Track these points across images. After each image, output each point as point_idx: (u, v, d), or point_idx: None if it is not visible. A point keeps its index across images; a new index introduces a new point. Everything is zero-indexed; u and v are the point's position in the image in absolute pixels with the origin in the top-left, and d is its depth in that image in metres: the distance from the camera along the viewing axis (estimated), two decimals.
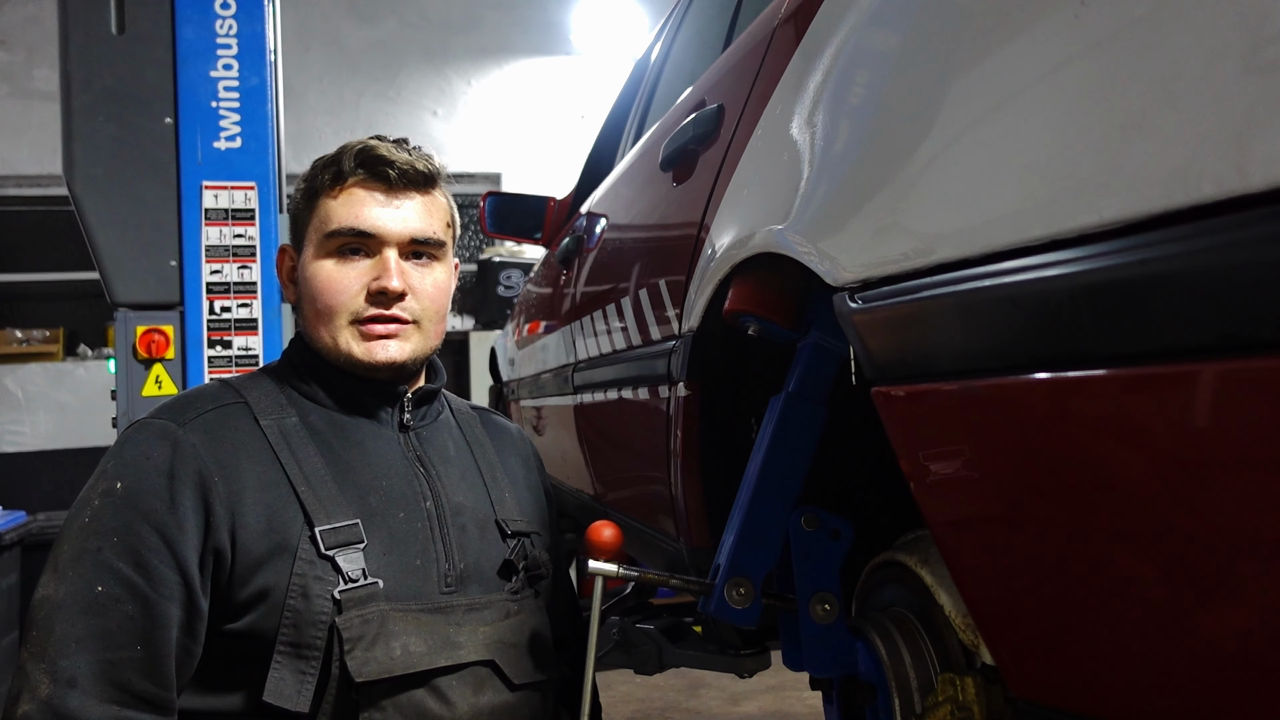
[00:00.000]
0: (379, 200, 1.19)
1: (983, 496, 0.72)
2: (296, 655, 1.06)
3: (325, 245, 1.19)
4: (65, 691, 0.98)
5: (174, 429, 1.10)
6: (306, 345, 1.23)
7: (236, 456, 1.11)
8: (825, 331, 1.10)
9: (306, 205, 1.22)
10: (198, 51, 2.95)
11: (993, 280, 0.66)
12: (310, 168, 1.24)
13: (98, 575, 1.03)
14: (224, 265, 2.93)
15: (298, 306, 1.25)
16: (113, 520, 1.05)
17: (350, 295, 1.17)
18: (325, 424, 1.19)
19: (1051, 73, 0.65)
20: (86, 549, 1.04)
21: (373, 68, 7.10)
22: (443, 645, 1.13)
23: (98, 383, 6.18)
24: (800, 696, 4.01)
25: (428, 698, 1.11)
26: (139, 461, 1.08)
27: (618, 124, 2.80)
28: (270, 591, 1.07)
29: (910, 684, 1.03)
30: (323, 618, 1.07)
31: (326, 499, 1.12)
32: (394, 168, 1.19)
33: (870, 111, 0.91)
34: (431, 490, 1.22)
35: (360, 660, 1.06)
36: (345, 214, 1.18)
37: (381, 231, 1.18)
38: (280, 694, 1.05)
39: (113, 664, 1.01)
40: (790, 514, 1.11)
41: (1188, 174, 0.53)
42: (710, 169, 1.37)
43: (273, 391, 1.20)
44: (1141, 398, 0.57)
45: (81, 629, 1.01)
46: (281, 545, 1.09)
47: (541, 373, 2.63)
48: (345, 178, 1.19)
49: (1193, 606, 0.58)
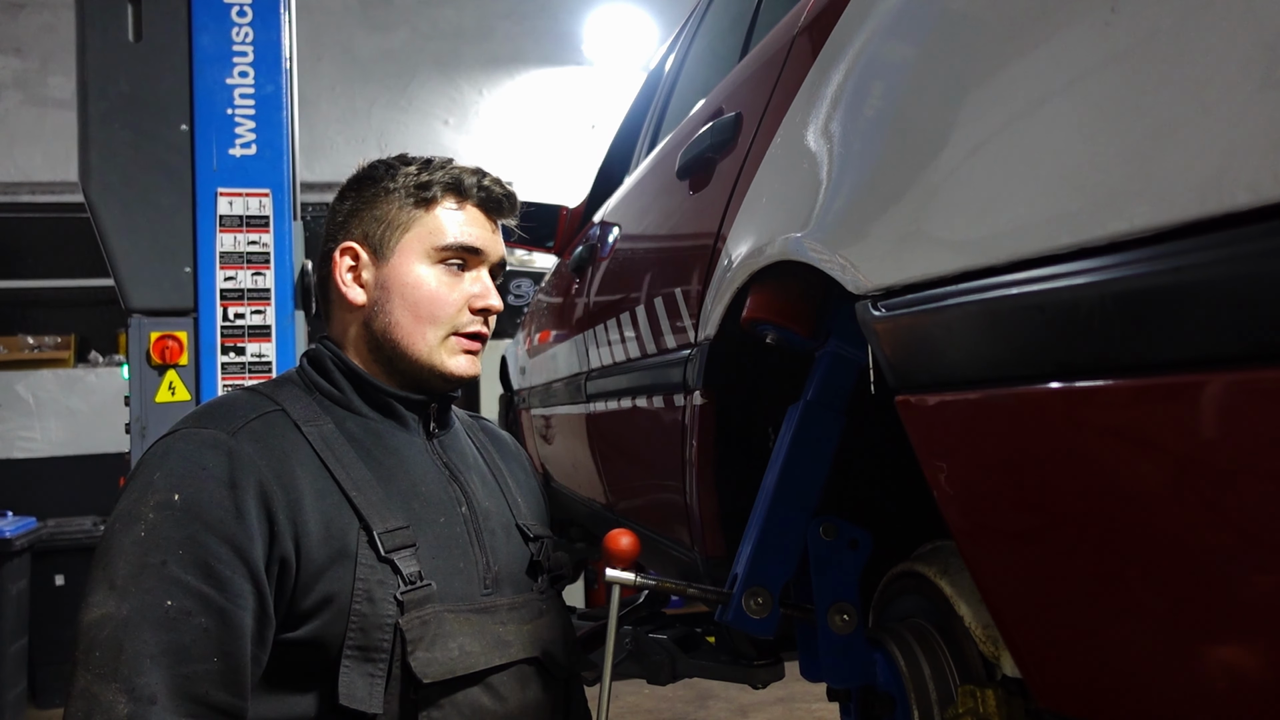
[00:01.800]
0: (486, 226, 1.27)
1: (1008, 505, 0.72)
2: (364, 658, 1.07)
3: (433, 255, 1.23)
4: (147, 710, 0.95)
5: (225, 438, 1.08)
6: (338, 351, 1.23)
7: (290, 464, 1.10)
8: (844, 340, 1.10)
9: (409, 211, 1.23)
10: (214, 59, 2.97)
11: (1020, 288, 0.66)
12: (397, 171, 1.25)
13: (165, 589, 0.99)
14: (238, 272, 2.94)
15: (373, 309, 1.22)
16: (175, 532, 1.02)
17: (457, 307, 1.23)
18: (361, 430, 1.20)
19: (1081, 79, 0.64)
20: (148, 564, 1.00)
21: (385, 77, 7.13)
22: (495, 644, 1.15)
23: (109, 389, 6.21)
24: (810, 709, 3.99)
25: (483, 695, 1.13)
26: (194, 472, 1.05)
27: (631, 134, 2.80)
28: (335, 597, 1.07)
29: (930, 695, 1.03)
30: (388, 620, 1.08)
31: (377, 503, 1.13)
32: (507, 201, 1.29)
33: (892, 119, 0.90)
34: (464, 494, 1.24)
35: (423, 661, 1.08)
36: (463, 230, 1.24)
37: (489, 252, 1.26)
38: (353, 697, 1.06)
39: (189, 678, 0.98)
40: (809, 523, 1.10)
41: (1222, 181, 0.52)
42: (728, 177, 1.37)
43: (304, 399, 1.19)
44: (1173, 407, 0.56)
45: (154, 645, 0.98)
46: (341, 550, 1.09)
47: (553, 381, 2.63)
48: (468, 196, 1.25)
49: (1223, 618, 0.58)
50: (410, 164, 1.26)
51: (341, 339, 1.25)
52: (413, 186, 1.23)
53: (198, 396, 2.91)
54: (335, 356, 1.23)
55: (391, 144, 6.96)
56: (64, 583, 4.53)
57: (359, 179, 1.28)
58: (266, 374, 2.93)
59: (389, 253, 1.22)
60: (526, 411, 3.27)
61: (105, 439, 5.95)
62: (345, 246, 1.24)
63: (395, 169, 1.25)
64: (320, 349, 1.26)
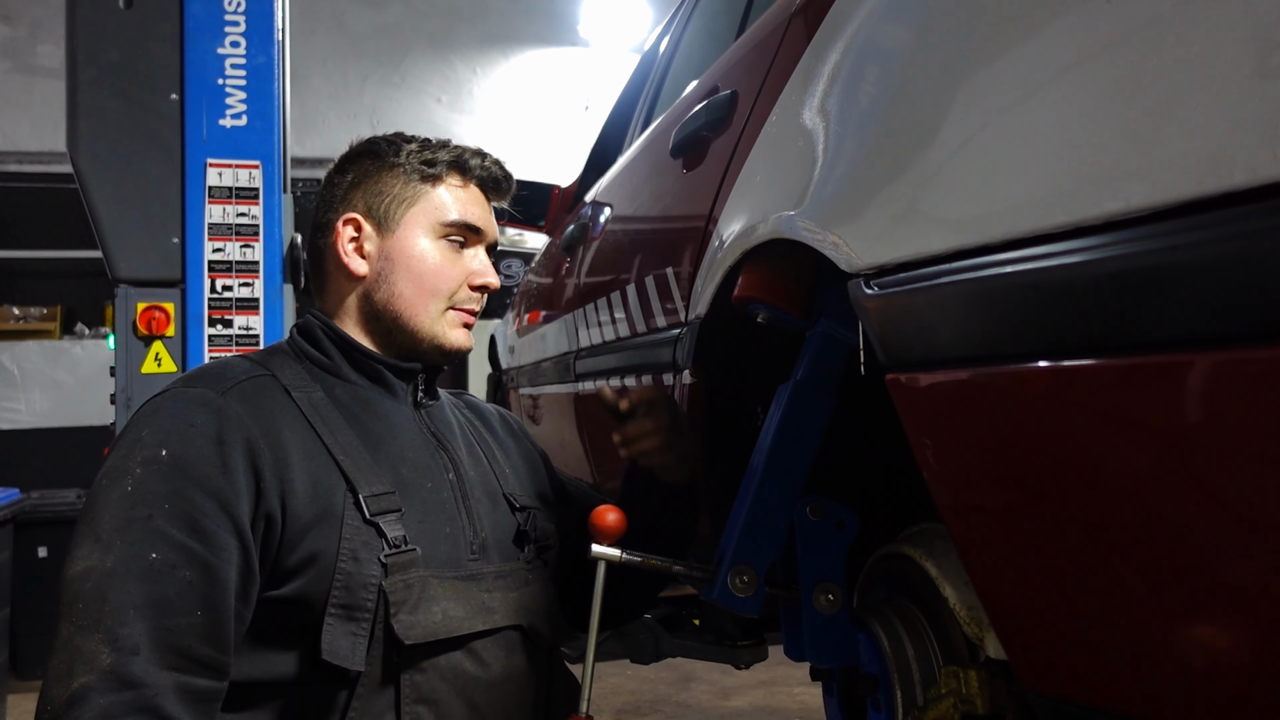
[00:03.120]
0: (484, 204, 1.31)
1: (998, 485, 0.72)
2: (348, 617, 1.08)
3: (437, 230, 1.25)
4: (129, 659, 0.96)
5: (214, 397, 1.10)
6: (328, 321, 1.26)
7: (277, 424, 1.12)
8: (835, 320, 1.09)
9: (415, 186, 1.25)
10: (205, 28, 2.93)
11: (1015, 267, 0.66)
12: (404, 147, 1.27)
13: (150, 542, 1.01)
14: (227, 244, 2.91)
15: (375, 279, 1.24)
16: (161, 487, 1.03)
17: (457, 282, 1.25)
18: (349, 397, 1.22)
19: (1080, 59, 0.64)
20: (134, 517, 1.02)
21: (378, 53, 7.08)
22: (479, 610, 1.16)
23: (94, 361, 6.17)
24: (791, 692, 4.01)
25: (465, 659, 1.14)
26: (182, 429, 1.06)
27: (624, 113, 2.79)
28: (320, 555, 1.08)
29: (913, 676, 1.03)
30: (372, 580, 1.09)
31: (365, 468, 1.14)
32: (504, 182, 1.32)
33: (888, 99, 0.90)
34: (451, 462, 1.25)
35: (406, 624, 1.09)
36: (466, 208, 1.26)
37: (488, 231, 1.29)
38: (336, 652, 1.07)
39: (172, 630, 1.00)
40: (796, 503, 1.10)
41: (1220, 160, 0.52)
42: (722, 156, 1.36)
43: (294, 367, 1.21)
44: (1166, 387, 0.56)
45: (138, 596, 0.99)
46: (328, 510, 1.10)
47: (542, 360, 2.62)
48: (471, 175, 1.29)
49: (1208, 599, 0.58)
50: (411, 141, 1.28)
51: (336, 310, 1.27)
52: (419, 162, 1.26)
53: (184, 368, 2.89)
54: (325, 325, 1.25)
55: (384, 120, 6.92)
56: (47, 555, 4.50)
57: (359, 153, 1.29)
58: (254, 347, 2.91)
59: (394, 225, 1.24)
60: (515, 391, 3.26)
61: (91, 411, 5.92)
62: (348, 217, 1.25)
63: (398, 145, 1.27)
64: (310, 319, 1.27)
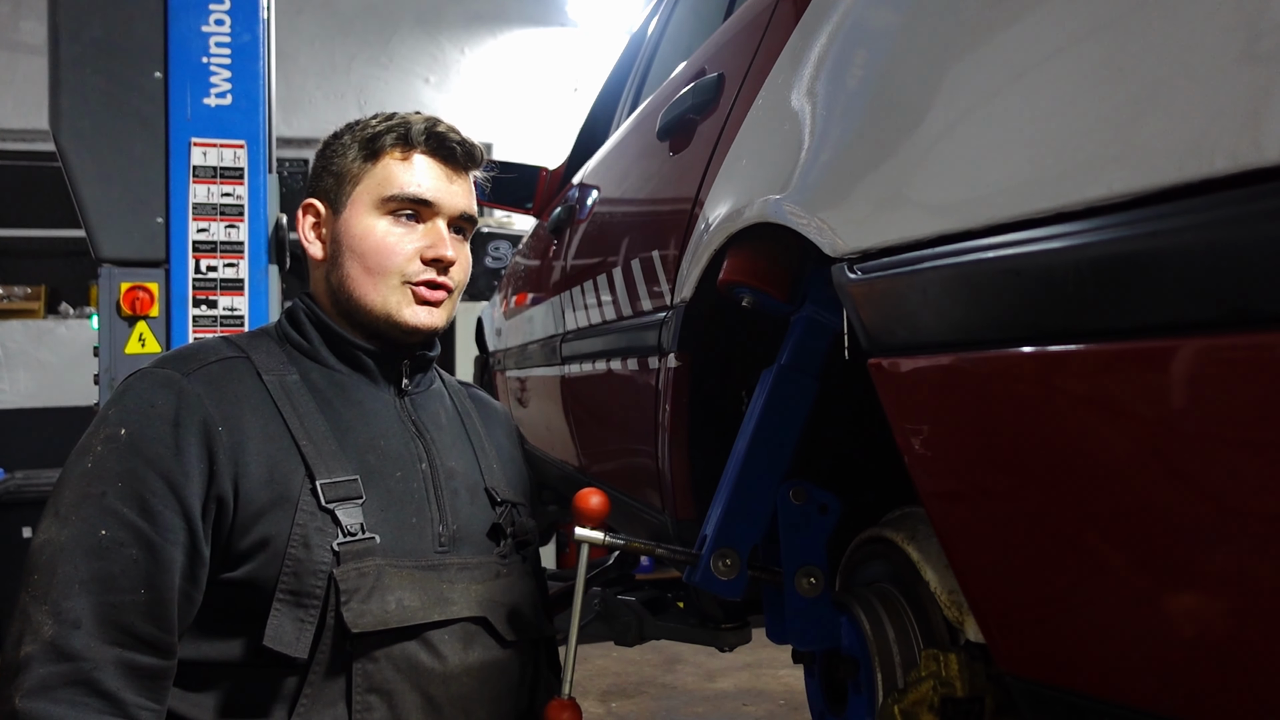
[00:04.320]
0: (440, 174, 1.25)
1: (977, 470, 0.72)
2: (296, 603, 1.08)
3: (382, 206, 1.23)
4: (70, 632, 0.99)
5: (178, 378, 1.11)
6: (312, 305, 1.26)
7: (239, 408, 1.12)
8: (819, 305, 1.09)
9: (360, 164, 1.24)
10: (189, 5, 2.90)
11: (996, 252, 0.66)
12: (358, 127, 1.26)
13: (101, 519, 1.04)
14: (211, 224, 2.89)
15: (330, 262, 1.24)
16: (116, 465, 1.06)
17: (406, 257, 1.22)
18: (326, 382, 1.22)
19: (1064, 45, 0.64)
20: (89, 494, 1.05)
21: (365, 32, 7.01)
22: (436, 600, 1.15)
23: (79, 341, 6.13)
24: (775, 674, 4.04)
25: (420, 650, 1.13)
26: (143, 409, 1.09)
27: (612, 95, 2.77)
28: (271, 540, 1.09)
29: (893, 659, 1.04)
30: (323, 567, 1.09)
31: (327, 454, 1.14)
32: (460, 147, 1.26)
33: (875, 83, 0.89)
34: (427, 453, 1.24)
35: (356, 612, 1.08)
36: (410, 180, 1.23)
37: (442, 203, 1.24)
38: (280, 639, 1.07)
39: (116, 606, 1.02)
40: (779, 487, 1.11)
41: (1200, 147, 0.52)
42: (708, 138, 1.36)
43: (274, 350, 1.22)
44: (1146, 373, 0.56)
45: (85, 571, 1.02)
46: (283, 495, 1.10)
47: (529, 343, 2.62)
48: (413, 145, 1.24)
49: (1186, 585, 0.58)
50: (375, 119, 1.27)
51: (316, 295, 1.28)
52: (363, 139, 1.25)
53: (168, 349, 2.87)
54: (309, 310, 1.26)
55: (371, 100, 6.86)
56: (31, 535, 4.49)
57: (327, 140, 1.30)
58: (238, 328, 2.90)
59: (342, 206, 1.24)
60: (501, 374, 3.26)
61: (75, 391, 5.88)
62: (307, 203, 1.27)
63: (355, 124, 1.27)
64: (297, 303, 1.28)
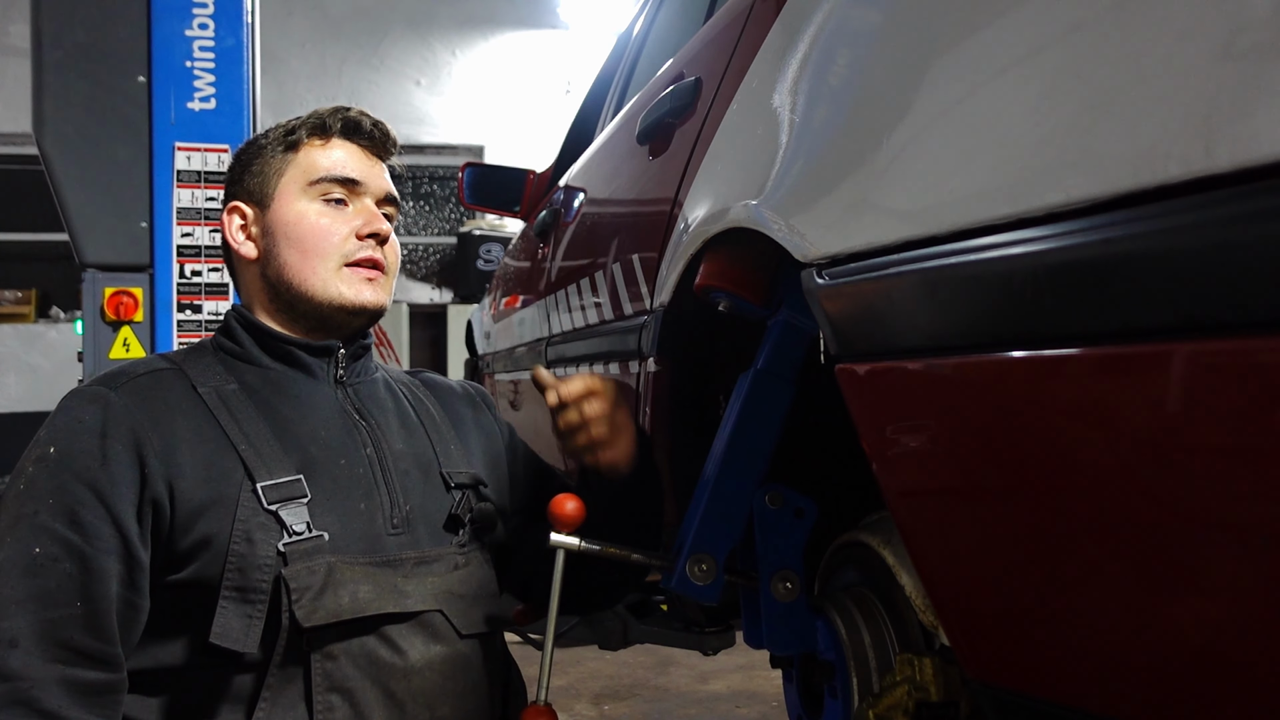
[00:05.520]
0: (360, 157, 1.28)
1: (942, 475, 0.72)
2: (242, 599, 1.08)
3: (309, 192, 1.24)
4: (7, 652, 0.99)
5: (105, 392, 1.12)
6: (243, 311, 1.27)
7: (171, 413, 1.13)
8: (796, 309, 1.09)
9: (281, 157, 1.27)
10: (173, 9, 2.89)
11: (957, 258, 0.66)
12: (274, 129, 1.29)
13: (35, 538, 1.04)
14: (195, 228, 2.88)
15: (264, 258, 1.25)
16: (47, 483, 1.06)
17: (342, 237, 1.23)
18: (261, 382, 1.21)
19: (1025, 53, 0.64)
20: (23, 514, 1.05)
21: (356, 34, 7.01)
22: (390, 592, 1.14)
23: (70, 345, 6.10)
24: (769, 676, 4.03)
25: (379, 646, 1.12)
26: (70, 425, 1.09)
27: (599, 97, 2.77)
28: (213, 538, 1.08)
29: (869, 663, 1.04)
30: (267, 563, 1.08)
31: (268, 456, 1.13)
32: (376, 129, 1.30)
33: (844, 88, 0.89)
34: (371, 438, 1.24)
35: (308, 609, 1.08)
36: (332, 163, 1.25)
37: (368, 181, 1.27)
38: (227, 635, 1.06)
39: (54, 622, 1.02)
40: (755, 491, 1.10)
41: (1155, 154, 0.52)
42: (686, 143, 1.36)
43: (209, 362, 1.22)
44: (1102, 378, 0.56)
45: (21, 591, 1.02)
46: (222, 494, 1.10)
47: (517, 346, 2.62)
48: (330, 132, 1.27)
49: (1146, 590, 0.58)
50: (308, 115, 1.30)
51: (248, 300, 1.28)
52: (281, 134, 1.28)
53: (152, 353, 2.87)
54: (238, 315, 1.26)
55: (361, 103, 6.74)
56: None
57: (240, 149, 1.32)
58: None
59: (269, 200, 1.26)
60: (491, 377, 3.26)
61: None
62: (231, 206, 1.28)
63: (270, 129, 1.30)
64: (229, 313, 1.29)
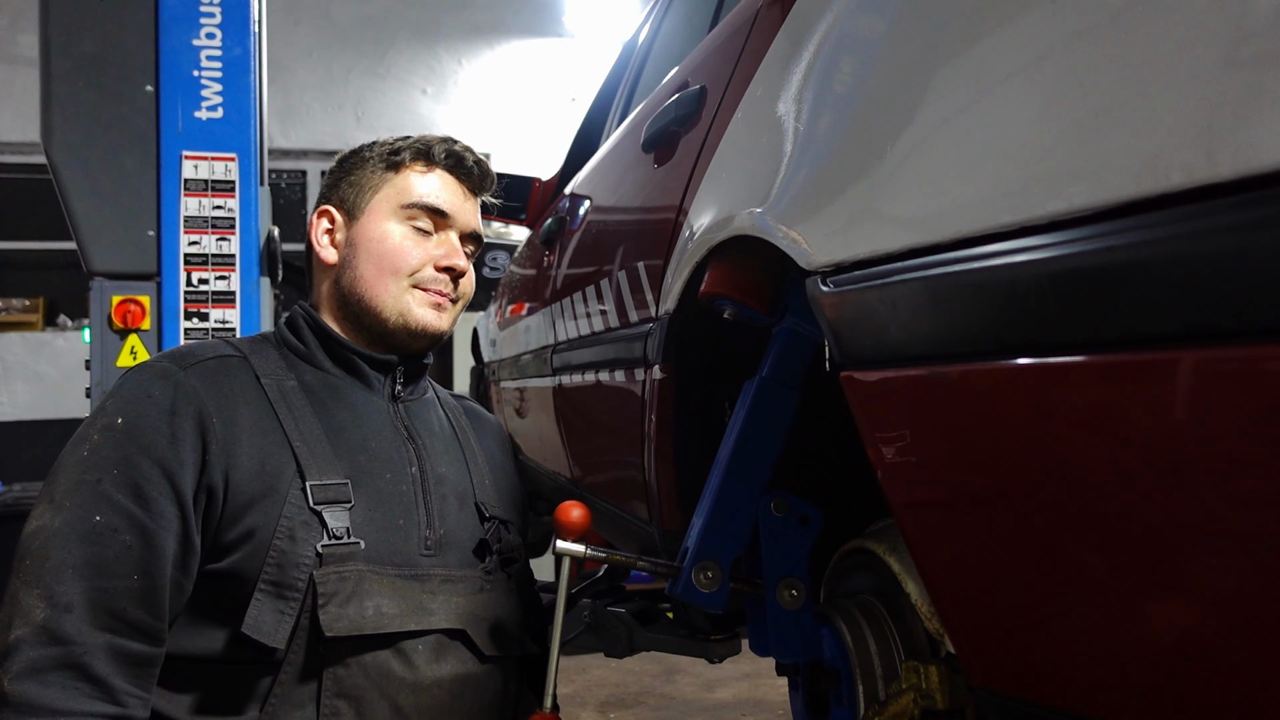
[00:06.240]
0: (456, 192, 1.34)
1: (947, 483, 0.72)
2: (277, 595, 1.09)
3: (400, 213, 1.29)
4: (62, 616, 0.99)
5: (175, 370, 1.14)
6: (311, 311, 1.30)
7: (234, 402, 1.15)
8: (800, 317, 1.09)
9: (380, 174, 1.31)
10: (180, 19, 2.91)
11: (961, 266, 0.66)
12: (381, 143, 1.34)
13: (96, 505, 1.04)
14: (202, 237, 2.90)
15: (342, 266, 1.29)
16: (112, 453, 1.07)
17: (420, 261, 1.28)
18: (320, 384, 1.24)
19: (1028, 61, 0.64)
20: (84, 480, 1.05)
21: (362, 43, 7.04)
22: (415, 610, 1.15)
23: (77, 353, 6.12)
24: (775, 685, 4.03)
25: (392, 659, 1.13)
26: (140, 399, 1.10)
27: (604, 105, 2.78)
28: (257, 531, 1.10)
29: (875, 671, 1.03)
30: (306, 561, 1.10)
31: (320, 456, 1.16)
32: (477, 167, 1.36)
33: (848, 96, 0.90)
34: (417, 457, 1.26)
35: (333, 615, 1.09)
36: (429, 191, 1.31)
37: (456, 216, 1.32)
38: (258, 628, 1.07)
39: (108, 592, 1.02)
40: (760, 499, 1.11)
41: (1157, 162, 0.52)
42: (691, 151, 1.36)
43: (272, 355, 1.25)
44: (1106, 386, 0.56)
45: (78, 556, 1.02)
46: (272, 488, 1.12)
47: (522, 354, 2.62)
48: (433, 161, 1.32)
49: (1150, 598, 0.58)
50: (393, 138, 1.35)
51: (317, 301, 1.32)
52: (385, 152, 1.32)
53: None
54: (307, 315, 1.29)
55: (368, 112, 6.88)
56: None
57: (343, 155, 1.36)
58: None
59: (360, 212, 1.30)
60: (496, 384, 3.26)
61: (73, 403, 5.87)
62: (321, 210, 1.32)
63: (376, 142, 1.35)
64: (296, 309, 1.32)
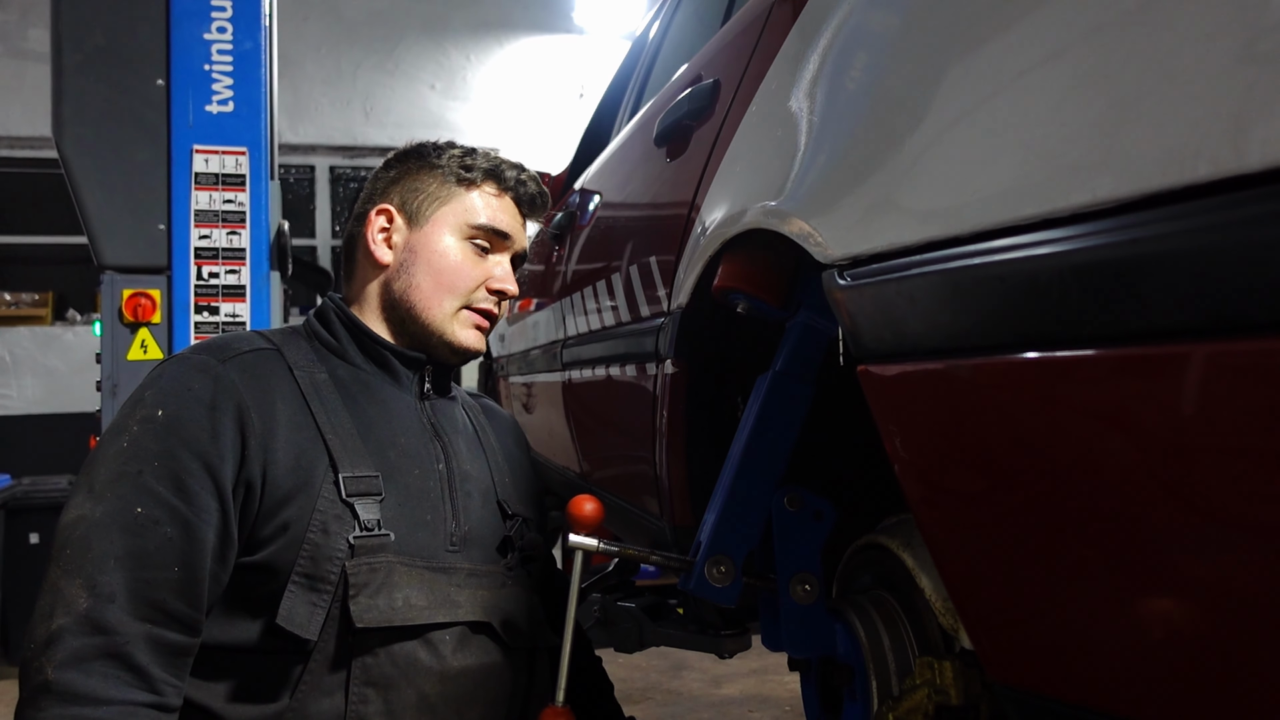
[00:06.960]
0: (515, 214, 1.37)
1: (965, 477, 0.72)
2: (310, 587, 1.10)
3: (464, 231, 1.31)
4: (104, 606, 1.00)
5: (214, 364, 1.14)
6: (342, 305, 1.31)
7: (271, 396, 1.15)
8: (814, 311, 1.09)
9: (450, 188, 1.33)
10: (191, 13, 2.92)
11: (982, 259, 0.65)
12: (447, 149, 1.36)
13: (137, 497, 1.05)
14: (213, 230, 2.91)
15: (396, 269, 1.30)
16: (154, 445, 1.07)
17: (476, 282, 1.31)
18: (351, 379, 1.25)
19: (1051, 52, 0.64)
20: (126, 472, 1.06)
21: (371, 39, 7.03)
22: (442, 602, 1.17)
23: (86, 347, 6.15)
24: (782, 680, 4.03)
25: (420, 649, 1.15)
26: (180, 392, 1.11)
27: (614, 101, 2.78)
28: (291, 525, 1.11)
29: (888, 666, 1.03)
30: (339, 554, 1.11)
31: (352, 449, 1.17)
32: (539, 198, 1.39)
33: (865, 89, 0.89)
34: (444, 454, 1.27)
35: (363, 606, 1.10)
36: (495, 215, 1.33)
37: (514, 241, 1.36)
38: (292, 620, 1.08)
39: (149, 583, 1.03)
40: (773, 493, 1.10)
41: (1184, 153, 0.52)
42: (704, 145, 1.36)
43: (304, 347, 1.26)
44: (1129, 379, 0.56)
45: (120, 547, 1.03)
46: (306, 483, 1.13)
47: (531, 349, 2.62)
48: (506, 186, 1.35)
49: (1173, 592, 0.58)
50: (456, 148, 1.36)
51: (356, 296, 1.32)
52: (457, 166, 1.33)
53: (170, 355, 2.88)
54: (339, 309, 1.30)
55: (377, 107, 6.88)
56: (38, 541, 4.50)
57: (406, 153, 1.37)
58: None
59: (423, 220, 1.31)
60: (505, 379, 3.26)
61: (82, 397, 5.90)
62: (382, 208, 1.32)
63: (442, 149, 1.36)
64: (326, 303, 1.32)
